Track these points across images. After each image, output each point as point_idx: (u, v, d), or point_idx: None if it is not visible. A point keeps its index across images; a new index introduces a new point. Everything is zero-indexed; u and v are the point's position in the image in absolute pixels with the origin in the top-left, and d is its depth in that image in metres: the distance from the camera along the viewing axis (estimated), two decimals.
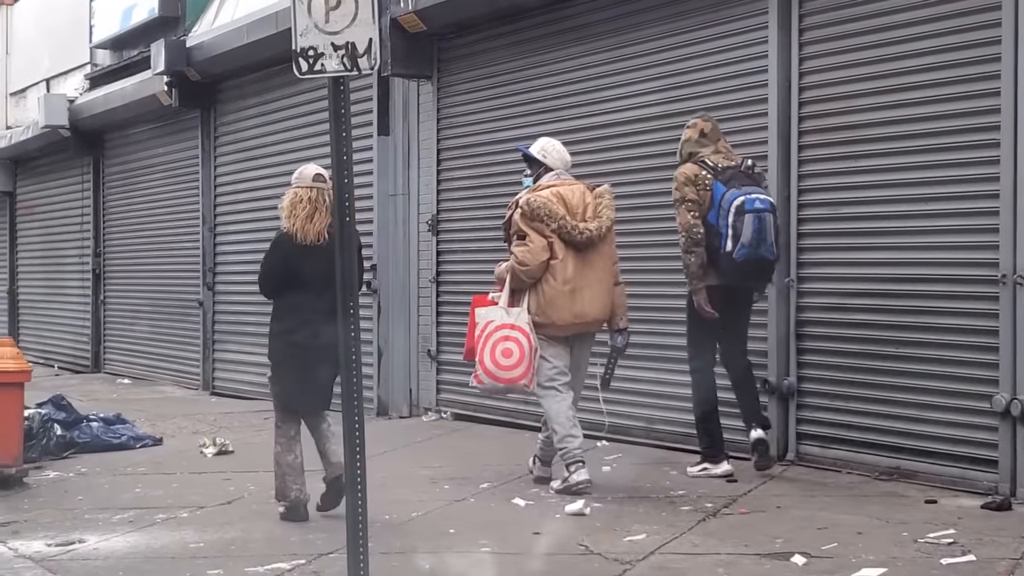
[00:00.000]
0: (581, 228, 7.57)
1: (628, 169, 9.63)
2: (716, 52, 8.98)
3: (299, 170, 7.58)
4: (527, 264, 7.56)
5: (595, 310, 7.68)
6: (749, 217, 7.59)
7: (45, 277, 21.00)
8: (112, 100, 16.94)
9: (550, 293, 7.57)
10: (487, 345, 7.59)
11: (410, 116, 11.92)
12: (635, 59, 9.63)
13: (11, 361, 9.02)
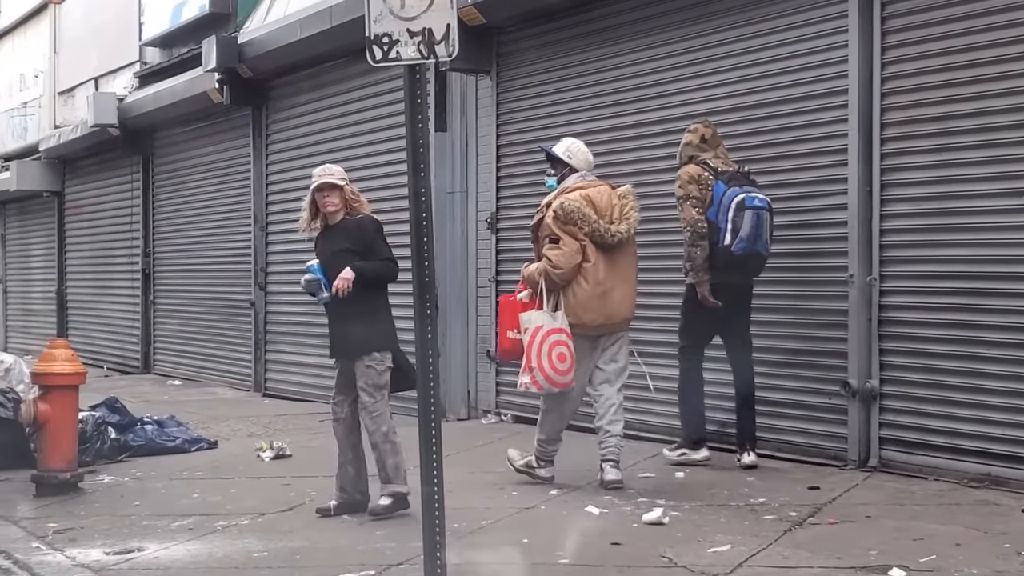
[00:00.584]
0: (613, 231, 7.66)
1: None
2: (792, 43, 8.64)
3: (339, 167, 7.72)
4: (561, 267, 7.63)
5: (624, 310, 7.81)
6: (748, 213, 7.90)
7: (94, 277, 20.87)
8: (162, 98, 16.77)
9: (582, 295, 7.66)
10: (543, 350, 7.61)
11: (468, 112, 11.64)
12: (706, 51, 9.31)
13: (65, 363, 8.80)
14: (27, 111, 22.93)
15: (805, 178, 8.55)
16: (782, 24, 8.71)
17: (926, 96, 7.81)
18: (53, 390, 8.72)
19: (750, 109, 8.91)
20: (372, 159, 12.83)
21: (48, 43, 22.16)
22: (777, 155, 8.74)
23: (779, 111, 8.74)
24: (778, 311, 8.73)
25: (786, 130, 8.69)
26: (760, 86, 8.87)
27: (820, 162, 8.44)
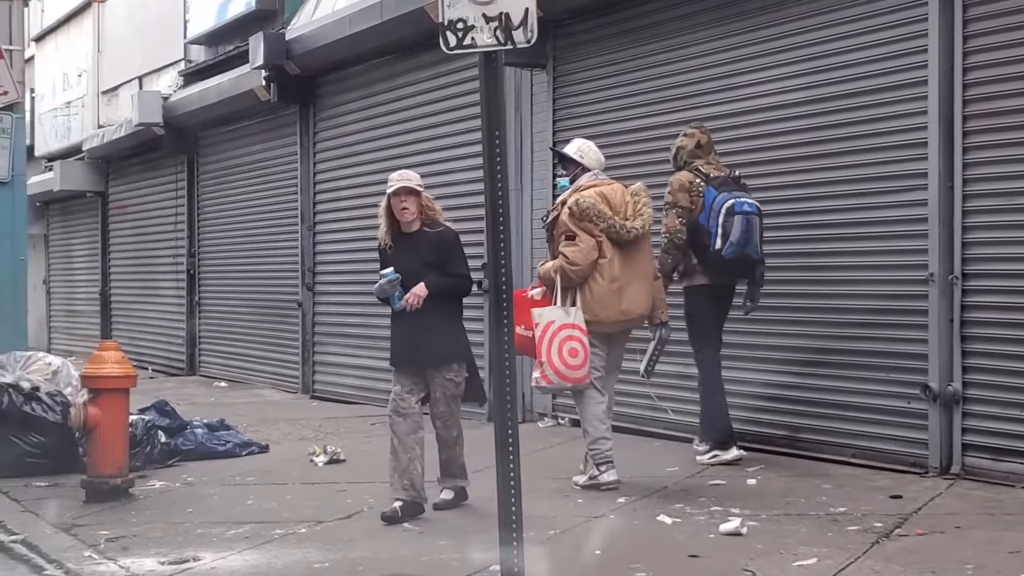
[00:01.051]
0: (628, 227, 7.70)
1: (769, 159, 8.99)
2: (867, 32, 8.29)
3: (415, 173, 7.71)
4: (578, 264, 7.64)
5: (639, 306, 7.84)
6: (738, 218, 8.06)
7: (138, 278, 20.72)
8: (207, 96, 16.57)
9: (598, 291, 7.69)
10: (553, 345, 7.63)
11: (522, 108, 11.36)
12: (774, 41, 8.97)
13: (115, 366, 8.57)
14: (70, 111, 22.81)
15: (882, 172, 8.21)
16: (857, 13, 8.36)
17: (1011, 87, 7.46)
18: (103, 393, 8.50)
19: (822, 102, 8.57)
20: (423, 156, 12.57)
21: (91, 42, 22.03)
22: (851, 149, 8.41)
23: (853, 104, 8.39)
24: (855, 311, 8.40)
25: (861, 123, 8.35)
26: (833, 78, 8.53)
27: (898, 156, 8.10)
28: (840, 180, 8.38)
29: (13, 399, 9.56)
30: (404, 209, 7.33)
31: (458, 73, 12.05)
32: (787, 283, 8.73)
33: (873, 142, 8.27)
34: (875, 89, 8.22)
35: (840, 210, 8.49)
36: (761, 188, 8.73)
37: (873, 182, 8.27)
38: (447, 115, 12.31)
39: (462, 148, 12.03)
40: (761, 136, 9.07)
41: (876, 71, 8.23)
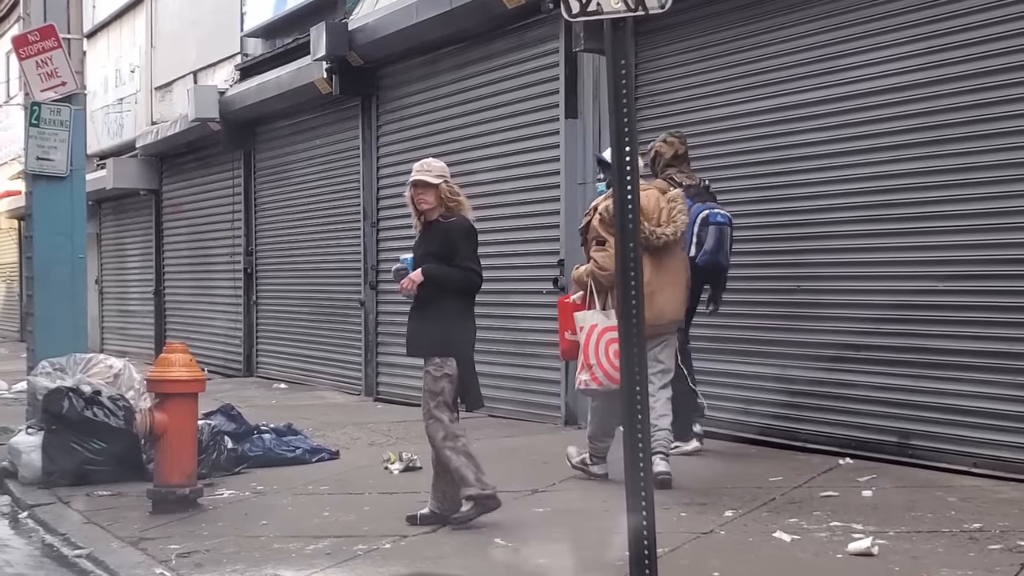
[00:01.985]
0: (659, 233, 7.70)
1: (873, 147, 8.41)
2: (991, 8, 7.69)
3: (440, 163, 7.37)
4: (607, 269, 7.53)
5: (671, 311, 7.85)
6: (712, 228, 8.43)
7: (193, 277, 20.34)
8: (266, 90, 16.12)
9: None
10: (599, 348, 7.66)
11: (601, 96, 10.80)
12: (880, 21, 8.37)
13: (184, 369, 8.11)
14: (123, 107, 22.47)
15: (1004, 160, 7.60)
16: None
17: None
18: (170, 398, 8.04)
19: (935, 85, 7.98)
20: (492, 149, 12.11)
21: (144, 37, 21.67)
22: (970, 135, 7.80)
23: (972, 86, 7.79)
24: (974, 308, 7.79)
25: (980, 107, 7.74)
26: (947, 59, 7.92)
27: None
28: (954, 169, 7.80)
29: (74, 403, 9.15)
30: (420, 200, 7.14)
31: (531, 62, 11.55)
32: (898, 279, 8.17)
33: (996, 127, 7.64)
34: (1002, 68, 7.60)
35: (958, 200, 7.89)
36: (862, 179, 8.19)
37: (994, 170, 7.66)
38: (517, 106, 11.78)
39: (534, 140, 11.51)
40: (863, 123, 8.47)
41: (1003, 49, 7.61)
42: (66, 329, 10.14)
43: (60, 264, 10.11)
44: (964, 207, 7.85)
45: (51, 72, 10.03)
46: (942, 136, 7.94)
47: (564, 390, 11.03)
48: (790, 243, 9.03)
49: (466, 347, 7.12)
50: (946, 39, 7.93)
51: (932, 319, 8.01)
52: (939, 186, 8.00)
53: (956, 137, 7.87)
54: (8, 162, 32.02)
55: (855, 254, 8.54)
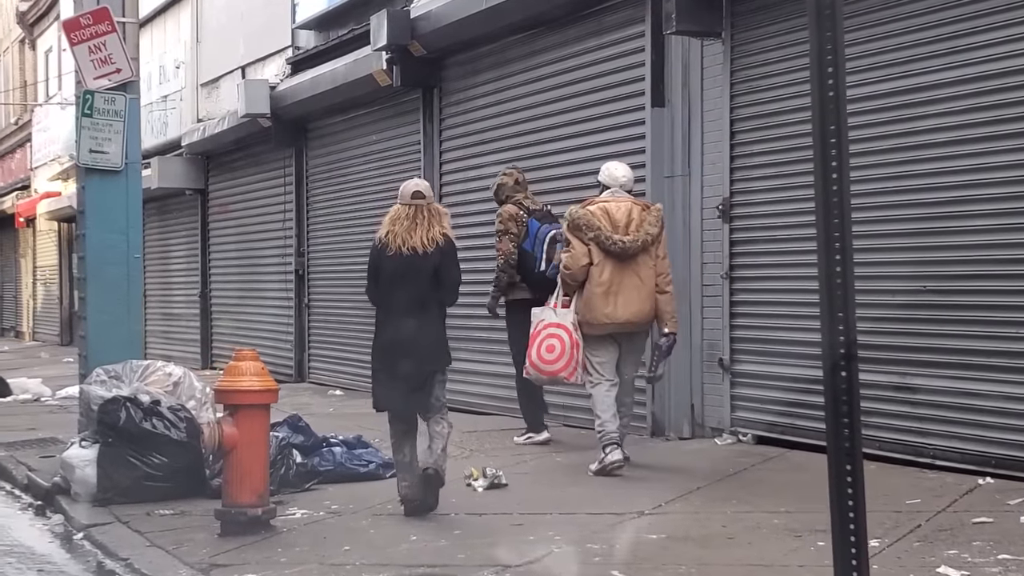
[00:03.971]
0: (615, 239, 8.44)
1: (993, 135, 7.62)
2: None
3: (402, 187, 7.87)
4: (569, 268, 8.56)
5: (627, 313, 8.47)
6: (558, 246, 9.23)
7: (241, 280, 19.71)
8: (320, 84, 15.45)
9: (587, 294, 8.51)
10: (535, 341, 8.59)
11: (691, 83, 10.06)
12: None
13: (255, 378, 7.42)
14: (167, 105, 21.86)
15: None
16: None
17: None
18: (241, 410, 7.35)
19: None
20: (570, 143, 11.39)
21: (190, 32, 21.07)
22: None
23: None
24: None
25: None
26: None
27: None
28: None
29: (131, 414, 8.49)
30: None
31: (612, 47, 10.81)
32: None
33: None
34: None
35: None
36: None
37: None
38: (597, 95, 11.04)
39: (616, 131, 10.77)
40: (982, 108, 7.71)
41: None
42: (121, 334, 9.47)
43: (115, 264, 9.43)
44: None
45: (105, 58, 9.36)
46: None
47: (650, 398, 10.28)
48: (915, 239, 8.26)
49: (372, 355, 7.85)
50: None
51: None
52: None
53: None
54: (47, 163, 31.58)
55: (989, 251, 7.76)
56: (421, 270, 7.44)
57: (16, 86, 34.64)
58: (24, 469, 10.15)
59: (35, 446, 11.41)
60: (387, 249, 7.57)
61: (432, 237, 7.54)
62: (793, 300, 9.23)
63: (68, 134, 29.21)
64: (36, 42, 33.63)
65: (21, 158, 35.28)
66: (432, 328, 7.55)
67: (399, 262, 7.50)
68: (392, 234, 7.58)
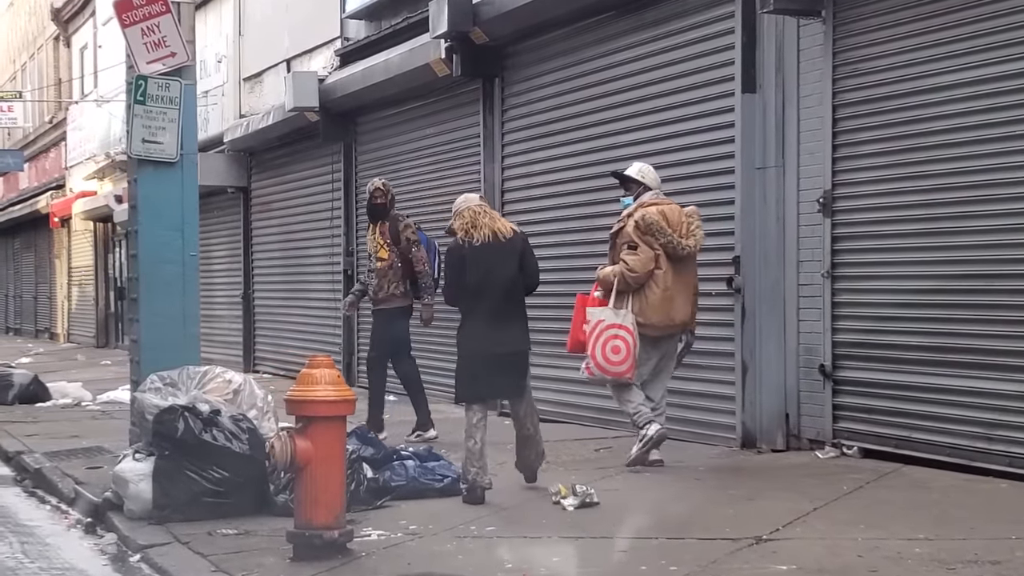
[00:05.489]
0: (684, 244, 8.61)
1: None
2: None
3: (461, 201, 8.20)
4: (637, 272, 8.56)
5: (683, 315, 8.74)
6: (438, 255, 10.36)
7: (286, 280, 19.06)
8: (372, 75, 14.77)
9: (652, 298, 8.58)
10: (599, 342, 8.49)
11: (786, 66, 9.33)
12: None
13: (330, 388, 6.72)
14: (208, 101, 21.21)
15: None
16: None
17: None
18: (315, 423, 6.67)
19: None
20: (648, 133, 10.70)
21: (232, 25, 20.44)
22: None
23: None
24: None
25: None
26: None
27: None
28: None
29: (190, 425, 7.84)
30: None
31: (696, 30, 10.12)
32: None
33: None
34: None
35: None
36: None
37: None
38: (680, 81, 10.32)
39: (702, 120, 10.06)
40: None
41: None
42: (175, 336, 8.79)
43: (170, 263, 8.75)
44: None
45: (158, 41, 8.69)
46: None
47: (740, 406, 9.56)
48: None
49: (458, 348, 8.18)
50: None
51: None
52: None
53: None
54: (83, 161, 31.07)
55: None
56: (510, 253, 7.94)
57: (50, 84, 34.14)
58: (71, 482, 9.50)
59: (80, 456, 10.77)
60: (474, 240, 7.92)
61: (509, 225, 8.13)
62: (904, 301, 8.53)
63: (104, 132, 28.73)
64: (71, 39, 33.12)
65: (55, 157, 34.80)
66: (522, 310, 8.08)
67: (490, 249, 7.89)
68: (478, 226, 7.94)
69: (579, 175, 11.75)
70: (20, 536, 8.22)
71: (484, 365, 7.91)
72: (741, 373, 9.57)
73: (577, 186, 11.79)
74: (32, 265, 39.29)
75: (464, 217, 7.99)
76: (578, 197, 11.79)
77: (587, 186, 11.57)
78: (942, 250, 8.22)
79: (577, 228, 11.76)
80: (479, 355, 7.95)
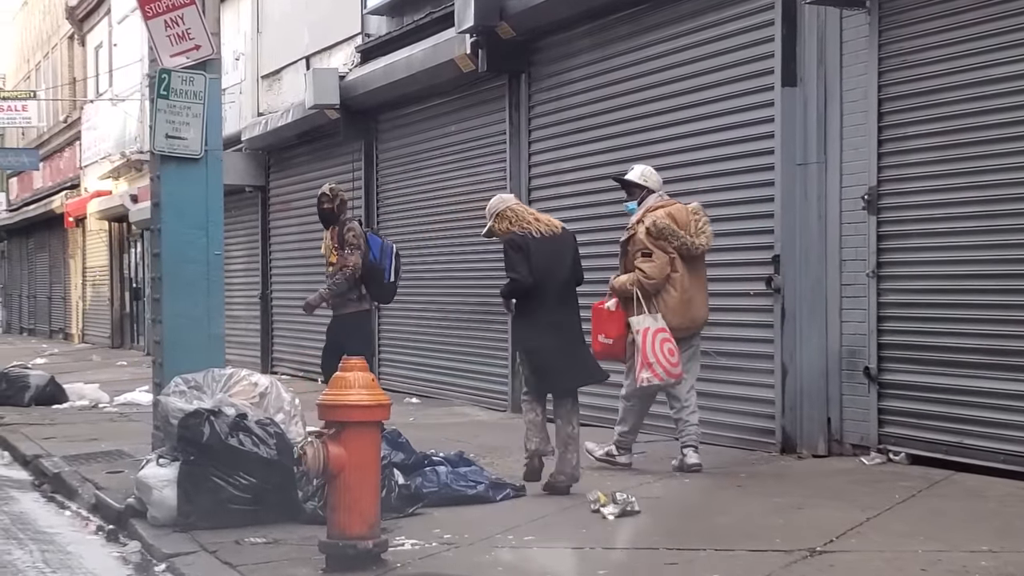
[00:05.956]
0: (696, 244, 8.54)
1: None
2: None
3: (498, 200, 8.23)
4: (654, 278, 8.50)
5: (702, 314, 8.72)
6: (396, 259, 10.58)
7: (305, 280, 18.70)
8: (394, 71, 14.50)
9: (671, 302, 8.52)
10: (656, 346, 8.37)
11: (828, 59, 9.04)
12: None
13: (364, 392, 6.44)
14: (226, 99, 20.80)
15: None
16: None
17: None
18: (349, 428, 6.39)
19: None
20: (683, 128, 10.41)
21: (250, 23, 20.21)
22: None
23: None
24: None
25: None
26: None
27: None
28: None
29: (216, 429, 7.56)
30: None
31: (733, 22, 9.83)
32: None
33: None
34: None
35: None
36: None
37: None
38: (716, 75, 10.04)
39: (739, 115, 9.78)
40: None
41: None
42: (199, 338, 8.54)
43: (194, 262, 8.51)
44: None
45: (182, 33, 8.44)
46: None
47: (780, 410, 9.26)
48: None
49: (524, 341, 8.13)
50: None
51: None
52: None
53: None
54: (98, 161, 30.87)
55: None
56: (567, 247, 8.13)
57: (65, 83, 33.94)
58: (91, 487, 9.24)
59: (100, 460, 10.50)
60: (533, 233, 7.97)
61: (555, 220, 8.23)
62: (955, 301, 8.24)
63: (119, 131, 28.49)
64: (86, 38, 32.91)
65: (70, 157, 34.60)
66: (578, 304, 8.22)
67: (549, 242, 8.00)
68: (534, 220, 8.07)
69: (610, 173, 11.43)
70: (40, 543, 7.96)
71: (558, 357, 8.01)
72: (781, 376, 9.28)
73: (607, 184, 11.47)
74: (46, 265, 39.10)
75: (513, 214, 8.04)
76: (608, 195, 11.47)
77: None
78: (996, 248, 7.93)
79: (607, 227, 11.42)
80: (550, 348, 7.99)
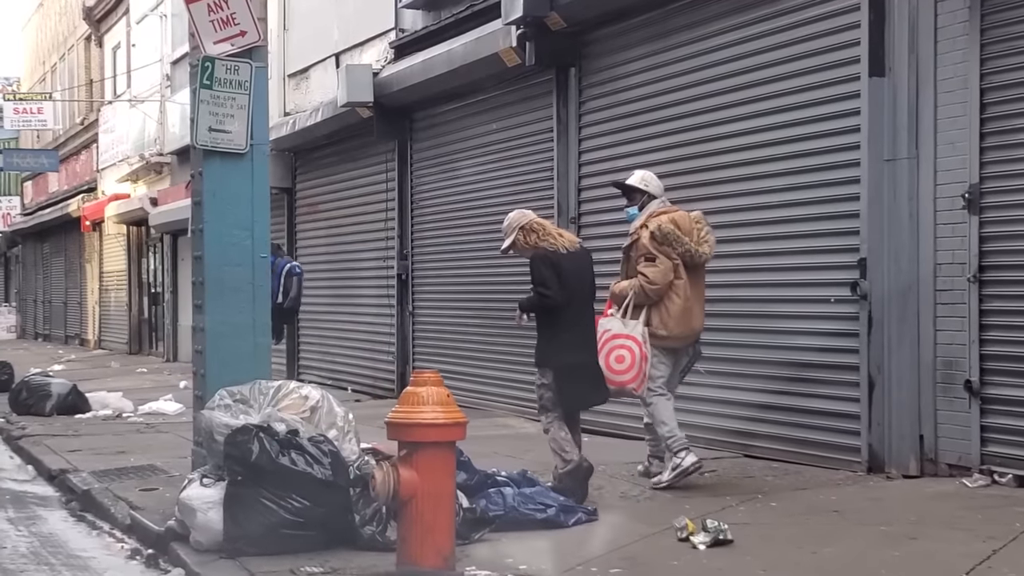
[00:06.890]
0: (700, 252, 8.45)
1: None
2: None
3: (517, 215, 8.20)
4: (657, 284, 8.37)
5: (701, 323, 8.64)
6: (295, 279, 11.60)
7: (332, 284, 18.15)
8: (433, 67, 13.87)
9: (674, 309, 8.40)
10: (603, 350, 8.27)
11: (920, 47, 8.38)
12: None
13: (439, 409, 5.86)
14: None
15: None
16: None
17: None
18: (422, 449, 5.81)
19: None
20: (757, 122, 9.78)
21: (276, 19, 19.51)
22: None
23: None
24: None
25: None
26: None
27: None
28: None
29: (266, 447, 6.93)
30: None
31: (813, 8, 9.17)
32: None
33: None
34: None
35: None
36: None
37: None
38: (794, 65, 9.38)
39: (821, 107, 9.11)
40: None
41: None
42: (244, 347, 7.88)
43: (238, 266, 7.83)
44: None
45: (227, 19, 7.80)
46: None
47: (867, 426, 8.60)
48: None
49: (556, 358, 7.90)
50: None
51: None
52: None
53: None
54: (115, 164, 30.29)
55: None
56: (589, 263, 8.17)
57: (81, 84, 33.36)
58: (124, 506, 8.62)
59: (132, 476, 9.88)
60: (561, 249, 7.92)
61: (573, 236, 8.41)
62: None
63: (138, 133, 27.89)
64: (103, 39, 32.35)
65: (86, 159, 34.03)
66: (594, 317, 8.26)
67: (575, 258, 7.98)
68: (559, 236, 8.05)
69: (668, 171, 10.76)
70: (73, 569, 7.35)
71: (590, 375, 8.03)
72: (867, 389, 8.61)
73: (665, 183, 10.82)
74: (62, 270, 38.51)
75: (541, 227, 8.00)
76: (666, 195, 10.84)
77: (678, 182, 10.60)
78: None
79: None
80: (584, 366, 7.98)
